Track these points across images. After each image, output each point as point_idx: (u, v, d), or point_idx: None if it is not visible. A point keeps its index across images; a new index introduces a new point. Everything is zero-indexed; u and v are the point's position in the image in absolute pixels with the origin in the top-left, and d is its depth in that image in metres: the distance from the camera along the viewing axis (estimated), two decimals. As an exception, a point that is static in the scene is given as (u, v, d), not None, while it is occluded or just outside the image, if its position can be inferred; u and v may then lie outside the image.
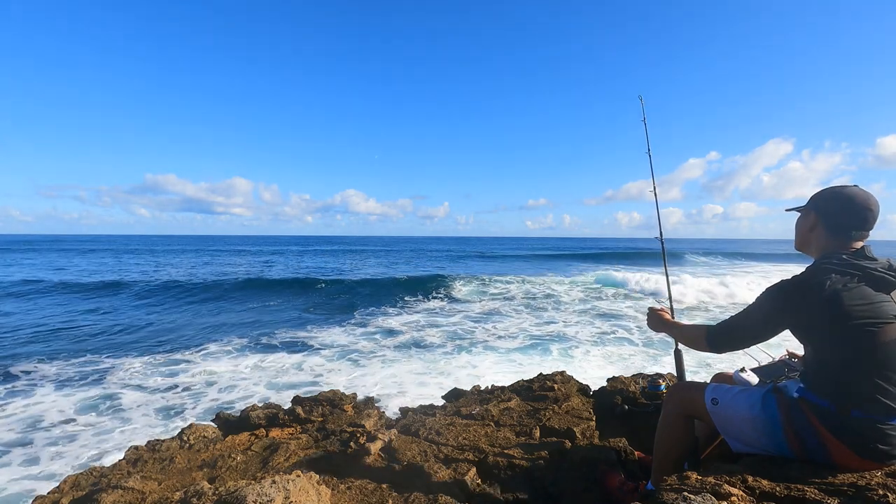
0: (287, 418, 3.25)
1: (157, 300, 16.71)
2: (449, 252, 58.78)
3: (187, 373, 7.91)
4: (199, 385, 7.26)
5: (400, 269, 29.59)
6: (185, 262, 36.38)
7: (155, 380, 7.55)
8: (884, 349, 1.36)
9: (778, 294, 1.50)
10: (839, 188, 1.57)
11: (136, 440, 5.14)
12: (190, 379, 7.59)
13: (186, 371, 8.02)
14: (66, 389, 7.01)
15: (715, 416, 1.68)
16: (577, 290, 19.09)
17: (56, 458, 4.87)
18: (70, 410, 6.18)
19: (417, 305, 15.88)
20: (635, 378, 3.74)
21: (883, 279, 1.41)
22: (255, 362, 8.48)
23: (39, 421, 5.80)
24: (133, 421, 5.91)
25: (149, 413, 6.13)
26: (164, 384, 7.31)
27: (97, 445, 5.17)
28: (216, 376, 7.69)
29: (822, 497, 1.31)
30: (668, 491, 1.41)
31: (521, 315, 13.61)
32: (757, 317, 1.56)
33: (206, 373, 7.88)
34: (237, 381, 7.40)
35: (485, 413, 3.12)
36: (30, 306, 14.98)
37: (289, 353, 9.20)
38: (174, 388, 7.11)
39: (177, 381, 7.50)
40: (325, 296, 17.91)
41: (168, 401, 6.60)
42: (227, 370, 8.06)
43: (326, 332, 11.14)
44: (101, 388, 7.06)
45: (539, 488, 2.25)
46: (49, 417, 5.92)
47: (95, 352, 9.40)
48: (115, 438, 5.37)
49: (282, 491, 1.71)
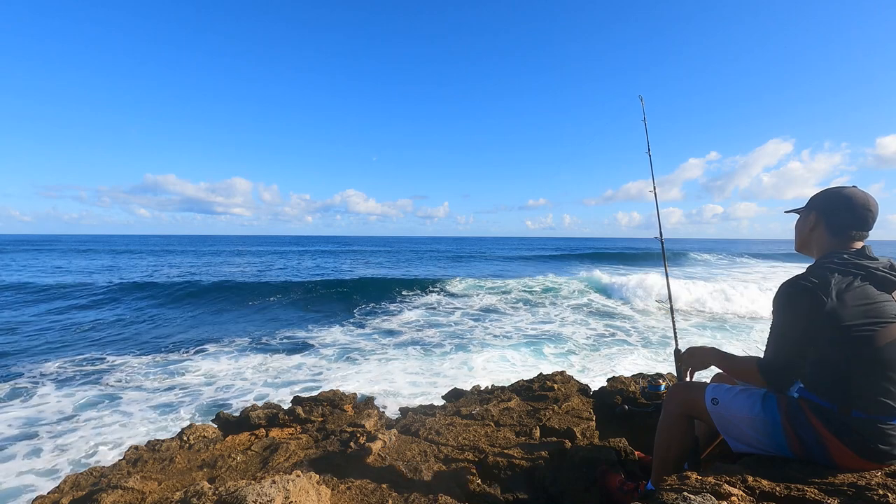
0: (287, 418, 3.24)
1: (156, 301, 16.69)
2: (448, 252, 58.58)
3: (187, 373, 7.92)
4: (198, 385, 7.27)
5: (397, 271, 29.05)
6: (186, 262, 36.32)
7: (154, 379, 7.55)
8: (885, 349, 1.36)
9: (785, 302, 1.48)
10: (838, 189, 1.58)
11: (136, 439, 5.15)
12: (188, 379, 7.59)
13: (185, 371, 8.02)
14: (65, 388, 7.02)
15: (715, 416, 1.68)
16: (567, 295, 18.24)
17: (57, 451, 4.90)
18: (69, 409, 6.19)
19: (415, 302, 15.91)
20: (635, 378, 3.74)
21: (885, 279, 1.41)
22: (256, 362, 8.47)
23: (39, 419, 5.82)
24: (133, 415, 5.93)
25: (147, 412, 6.14)
26: (163, 385, 7.32)
27: (96, 440, 5.19)
28: (215, 376, 7.70)
29: (822, 497, 1.31)
30: (668, 491, 1.41)
31: (518, 313, 13.62)
32: (783, 335, 1.51)
33: (204, 373, 7.88)
34: (236, 381, 7.41)
35: (485, 413, 3.12)
36: (29, 307, 14.96)
37: (288, 353, 9.19)
38: (173, 389, 7.12)
39: (176, 381, 7.50)
40: (323, 296, 17.89)
41: (167, 400, 6.60)
42: (227, 369, 8.06)
43: (326, 332, 11.15)
44: (99, 388, 7.07)
45: (539, 488, 2.25)
46: (48, 415, 5.94)
47: (98, 349, 9.43)
48: (115, 436, 5.38)
49: (282, 491, 1.71)
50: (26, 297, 16.84)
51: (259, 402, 3.67)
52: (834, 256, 1.48)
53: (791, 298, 1.47)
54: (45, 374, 7.71)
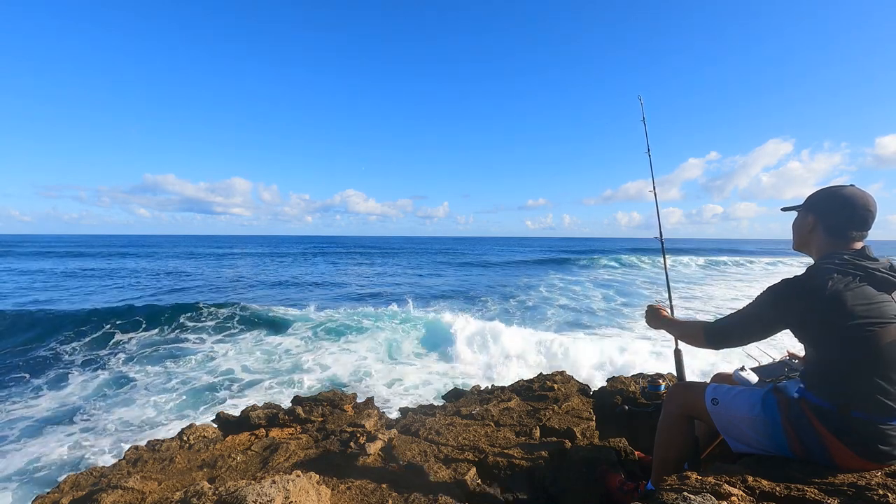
0: (287, 418, 3.24)
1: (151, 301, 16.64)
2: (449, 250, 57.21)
3: (186, 373, 7.91)
4: (196, 384, 7.26)
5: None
6: (185, 263, 35.86)
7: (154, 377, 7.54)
8: (885, 350, 1.35)
9: (778, 295, 1.49)
10: (837, 188, 1.56)
11: (136, 439, 5.15)
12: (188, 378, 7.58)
13: (185, 372, 8.01)
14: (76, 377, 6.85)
15: (715, 417, 1.68)
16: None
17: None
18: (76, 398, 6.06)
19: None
20: (635, 378, 3.74)
21: (885, 279, 1.41)
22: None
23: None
24: (134, 412, 5.87)
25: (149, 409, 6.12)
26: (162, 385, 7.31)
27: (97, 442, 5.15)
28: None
29: (822, 497, 1.31)
30: (668, 491, 1.41)
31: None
32: (755, 316, 1.56)
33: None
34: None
35: (485, 413, 3.12)
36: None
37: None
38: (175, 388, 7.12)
39: (175, 381, 7.50)
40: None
41: (166, 401, 6.59)
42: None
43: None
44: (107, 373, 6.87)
45: (539, 488, 2.25)
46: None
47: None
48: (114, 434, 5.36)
49: (282, 491, 1.71)
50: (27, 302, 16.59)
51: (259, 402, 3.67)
52: (834, 257, 1.47)
53: (785, 294, 1.48)
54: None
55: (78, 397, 6.97)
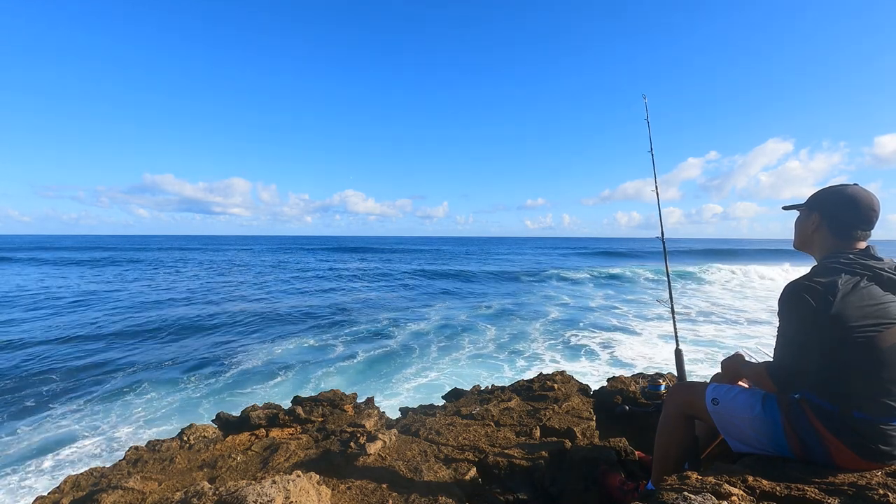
0: (287, 418, 3.24)
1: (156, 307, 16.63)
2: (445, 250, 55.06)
3: (186, 373, 7.91)
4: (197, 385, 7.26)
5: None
6: (185, 262, 35.74)
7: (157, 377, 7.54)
8: (889, 350, 1.34)
9: (791, 305, 1.44)
10: (841, 187, 1.55)
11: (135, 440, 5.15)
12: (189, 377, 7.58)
13: (185, 372, 8.02)
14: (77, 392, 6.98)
15: (715, 417, 1.68)
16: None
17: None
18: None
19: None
20: (635, 378, 3.74)
21: (891, 280, 1.40)
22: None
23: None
24: (133, 411, 5.89)
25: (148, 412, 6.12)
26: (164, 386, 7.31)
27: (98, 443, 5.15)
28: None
29: (822, 497, 1.31)
30: (668, 491, 1.41)
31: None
32: (788, 339, 1.47)
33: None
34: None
35: (485, 413, 3.12)
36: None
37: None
38: (178, 390, 7.11)
39: (176, 382, 7.50)
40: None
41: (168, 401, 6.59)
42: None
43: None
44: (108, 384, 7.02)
45: (539, 488, 2.25)
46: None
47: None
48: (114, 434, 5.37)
49: (282, 491, 1.71)
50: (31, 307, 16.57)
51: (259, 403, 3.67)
52: (840, 256, 1.46)
53: (796, 301, 1.43)
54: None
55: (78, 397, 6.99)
